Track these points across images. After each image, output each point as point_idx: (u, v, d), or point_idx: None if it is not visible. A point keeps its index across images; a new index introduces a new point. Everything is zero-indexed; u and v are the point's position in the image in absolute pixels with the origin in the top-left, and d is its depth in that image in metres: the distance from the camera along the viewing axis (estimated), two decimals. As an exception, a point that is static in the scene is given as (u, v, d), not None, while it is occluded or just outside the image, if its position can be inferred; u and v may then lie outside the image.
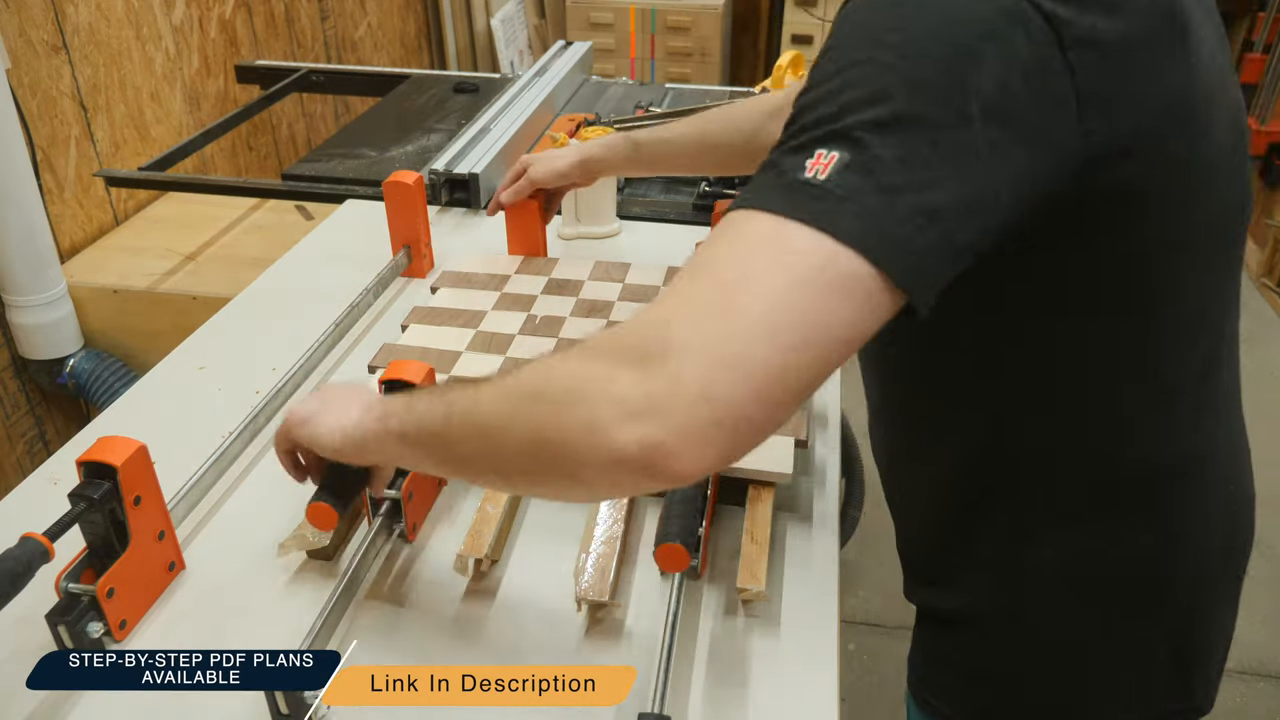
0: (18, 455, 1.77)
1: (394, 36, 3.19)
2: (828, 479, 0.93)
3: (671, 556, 0.72)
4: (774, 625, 0.78)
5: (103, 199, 1.88)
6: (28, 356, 1.71)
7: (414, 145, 1.78)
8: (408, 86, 2.11)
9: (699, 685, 0.72)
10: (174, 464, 0.86)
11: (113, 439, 0.73)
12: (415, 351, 1.04)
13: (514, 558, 0.84)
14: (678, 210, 1.47)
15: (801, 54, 1.89)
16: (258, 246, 1.78)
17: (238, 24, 2.30)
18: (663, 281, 1.19)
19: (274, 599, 0.80)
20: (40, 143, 1.71)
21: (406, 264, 1.27)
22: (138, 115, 1.97)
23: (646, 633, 0.77)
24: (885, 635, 2.02)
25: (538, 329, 1.09)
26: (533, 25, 3.97)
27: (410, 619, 0.78)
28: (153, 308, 1.67)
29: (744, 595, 0.78)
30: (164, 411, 1.04)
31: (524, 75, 1.93)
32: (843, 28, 0.55)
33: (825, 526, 0.88)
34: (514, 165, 1.22)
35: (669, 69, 3.82)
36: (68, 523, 0.70)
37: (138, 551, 0.75)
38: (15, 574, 0.66)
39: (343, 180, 1.63)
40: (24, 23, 1.65)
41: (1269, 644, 2.03)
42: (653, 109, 1.73)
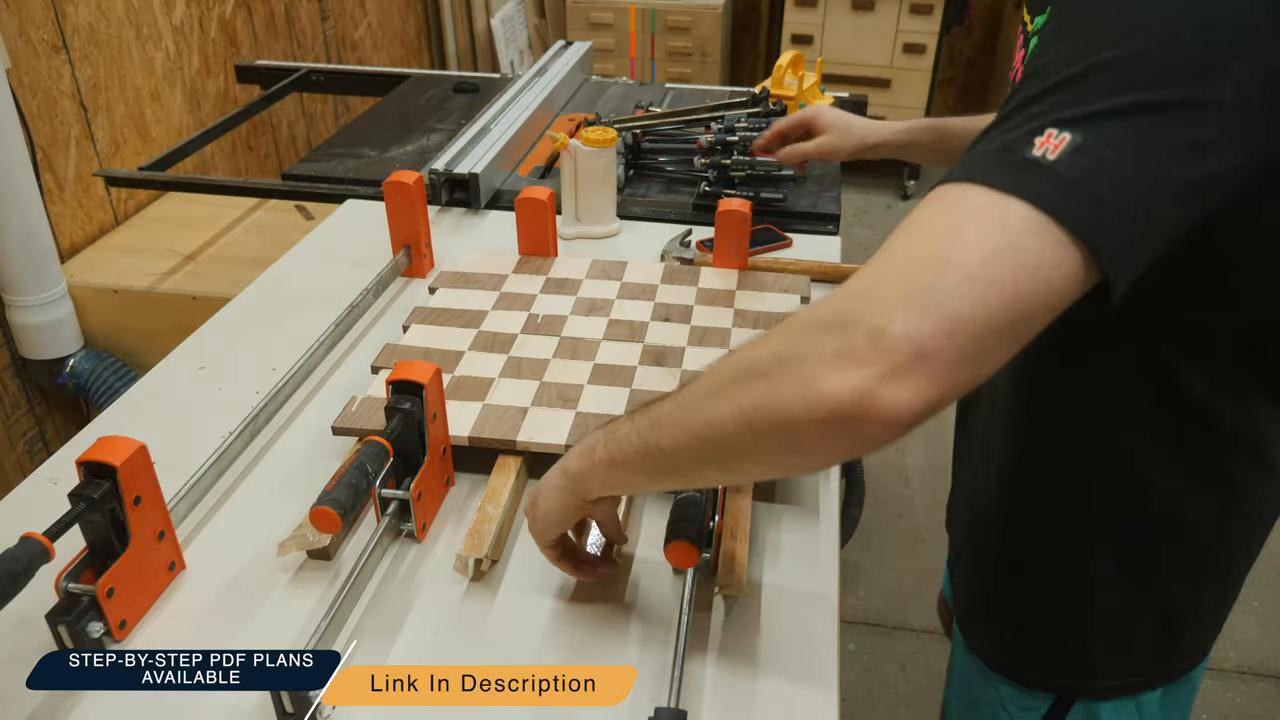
0: (18, 455, 1.77)
1: (394, 36, 3.19)
2: (831, 472, 0.94)
3: (681, 553, 0.72)
4: (774, 624, 0.78)
5: (103, 199, 1.88)
6: (28, 356, 1.71)
7: (414, 145, 1.78)
8: (408, 86, 2.11)
9: (706, 682, 0.72)
10: (174, 464, 0.86)
11: (113, 439, 0.73)
12: (418, 351, 1.04)
13: (514, 558, 0.84)
14: (678, 210, 1.47)
15: (801, 54, 1.89)
16: (258, 246, 1.78)
17: (238, 24, 2.30)
18: (660, 279, 1.19)
19: (274, 599, 0.80)
20: (40, 143, 1.71)
21: (406, 264, 1.27)
22: (138, 115, 1.97)
23: (645, 632, 0.77)
24: (885, 635, 2.02)
25: (539, 328, 1.09)
26: (533, 25, 3.98)
27: (410, 619, 0.78)
28: (153, 308, 1.67)
29: (725, 591, 0.78)
30: (164, 411, 1.04)
31: (524, 75, 1.93)
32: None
33: (827, 523, 0.88)
34: (792, 116, 1.18)
35: (669, 69, 3.82)
36: (68, 523, 0.70)
37: (138, 551, 0.75)
38: (15, 574, 0.66)
39: (343, 180, 1.63)
40: (24, 23, 1.65)
41: (1269, 644, 2.03)
42: (653, 109, 1.73)
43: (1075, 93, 0.51)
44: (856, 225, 3.67)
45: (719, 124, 1.54)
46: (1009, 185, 0.50)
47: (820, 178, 1.55)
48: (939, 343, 0.48)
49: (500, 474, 0.89)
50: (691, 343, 1.06)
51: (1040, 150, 0.51)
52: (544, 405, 0.95)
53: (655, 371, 1.01)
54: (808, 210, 1.45)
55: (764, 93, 1.75)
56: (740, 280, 1.20)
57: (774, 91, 1.81)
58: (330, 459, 0.94)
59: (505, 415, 0.94)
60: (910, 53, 3.71)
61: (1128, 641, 0.80)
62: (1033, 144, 0.51)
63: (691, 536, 0.72)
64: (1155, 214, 0.52)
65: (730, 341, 1.06)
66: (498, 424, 0.92)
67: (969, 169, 0.53)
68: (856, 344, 0.49)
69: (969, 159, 0.54)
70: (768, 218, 1.41)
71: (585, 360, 1.03)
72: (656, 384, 0.99)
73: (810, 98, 1.89)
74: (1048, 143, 0.51)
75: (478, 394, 0.97)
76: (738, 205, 1.20)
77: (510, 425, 0.92)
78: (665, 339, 1.07)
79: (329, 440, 0.95)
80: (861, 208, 3.81)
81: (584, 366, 1.02)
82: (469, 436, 0.91)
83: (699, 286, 1.18)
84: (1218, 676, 1.96)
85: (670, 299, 1.15)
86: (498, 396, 0.97)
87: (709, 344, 1.06)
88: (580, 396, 0.97)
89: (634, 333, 1.08)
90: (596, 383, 0.99)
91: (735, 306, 1.13)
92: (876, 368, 0.48)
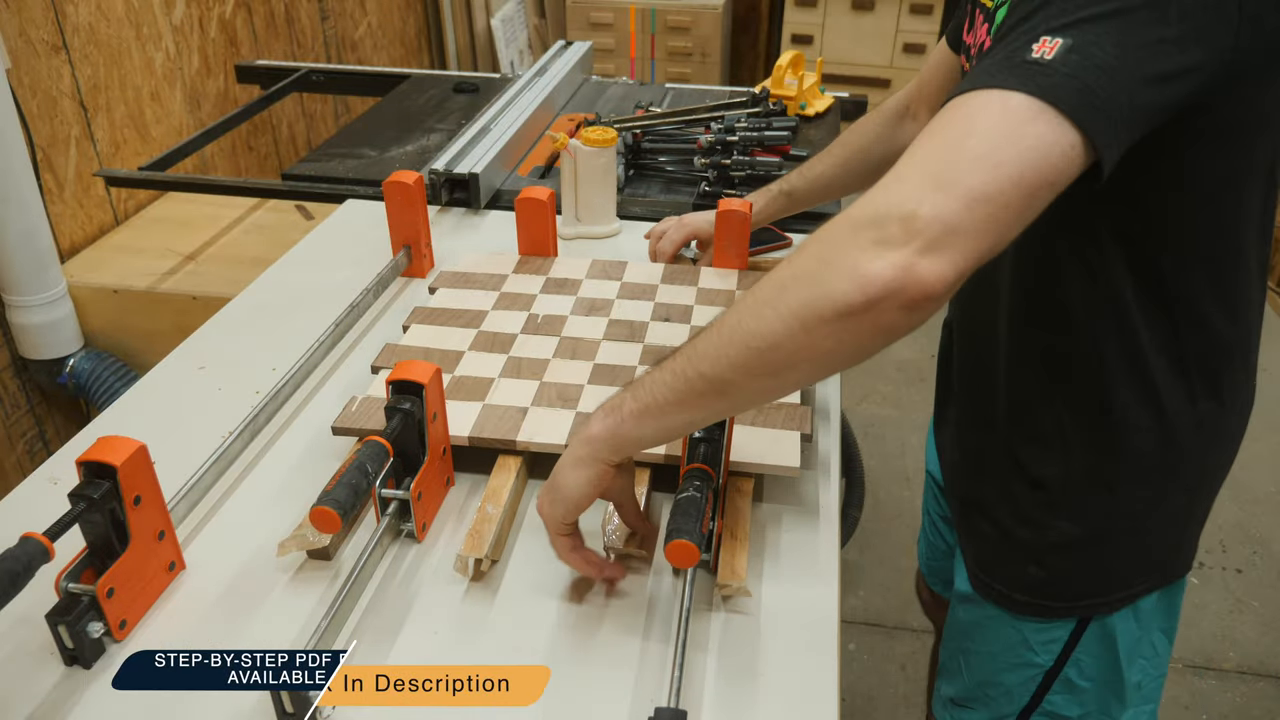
0: (18, 455, 1.77)
1: (394, 36, 3.19)
2: (831, 472, 0.94)
3: (681, 553, 0.73)
4: (774, 624, 0.78)
5: (103, 199, 1.88)
6: (28, 356, 1.71)
7: (414, 145, 1.78)
8: (408, 86, 2.11)
9: (706, 682, 0.72)
10: (174, 464, 0.86)
11: (113, 439, 0.73)
12: (418, 351, 1.04)
13: (514, 558, 0.84)
14: (677, 210, 1.47)
15: (801, 54, 1.89)
16: (258, 246, 1.78)
17: (238, 24, 2.30)
18: (660, 279, 1.19)
19: (274, 599, 0.80)
20: (40, 143, 1.71)
21: (406, 264, 1.27)
22: (138, 115, 1.97)
23: (646, 632, 0.77)
24: (885, 635, 2.02)
25: (540, 328, 1.09)
26: (533, 25, 3.98)
27: (410, 619, 0.78)
28: (153, 308, 1.67)
29: (725, 591, 0.78)
30: (164, 411, 1.04)
31: (524, 75, 1.93)
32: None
33: (827, 523, 0.88)
34: (676, 230, 1.27)
35: (669, 69, 3.82)
36: (68, 523, 0.70)
37: (138, 551, 0.75)
38: (15, 574, 0.66)
39: (343, 180, 1.63)
40: (24, 23, 1.65)
41: (1269, 644, 2.03)
42: (653, 109, 1.73)
43: (1062, 5, 0.61)
44: (856, 225, 3.67)
45: (719, 124, 1.54)
46: (1011, 83, 0.59)
47: (820, 178, 1.55)
48: (961, 217, 0.56)
49: (500, 474, 0.89)
50: (691, 343, 1.06)
51: (1038, 53, 0.60)
52: (544, 405, 0.95)
53: (655, 371, 1.01)
54: (807, 210, 1.45)
55: (764, 93, 1.75)
56: (740, 280, 1.20)
57: (774, 91, 1.81)
58: (330, 459, 0.94)
59: (505, 415, 0.94)
60: (910, 53, 3.71)
61: (1138, 551, 0.88)
62: (1030, 49, 0.60)
63: (692, 536, 0.72)
64: (1135, 100, 0.60)
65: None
66: (498, 424, 0.92)
67: (976, 79, 0.61)
68: (892, 231, 0.57)
69: (976, 72, 0.62)
70: (768, 218, 1.41)
71: (585, 360, 1.03)
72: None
73: (810, 98, 1.89)
74: (1043, 47, 0.60)
75: (478, 394, 0.97)
76: (738, 205, 1.20)
77: (510, 425, 0.92)
78: (665, 339, 1.07)
79: (329, 440, 0.95)
80: (861, 208, 3.81)
81: (584, 366, 1.02)
82: (469, 436, 0.91)
83: (699, 286, 1.18)
84: (1218, 676, 1.96)
85: (670, 299, 1.15)
86: (498, 396, 0.97)
87: (709, 344, 1.06)
88: (580, 396, 0.97)
89: (634, 333, 1.08)
90: (596, 383, 0.99)
91: (735, 306, 1.13)
92: (914, 245, 0.56)
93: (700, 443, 0.81)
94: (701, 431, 0.82)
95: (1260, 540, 2.28)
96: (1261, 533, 2.30)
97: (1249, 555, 2.24)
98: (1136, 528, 0.87)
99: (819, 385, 1.06)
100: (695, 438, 0.82)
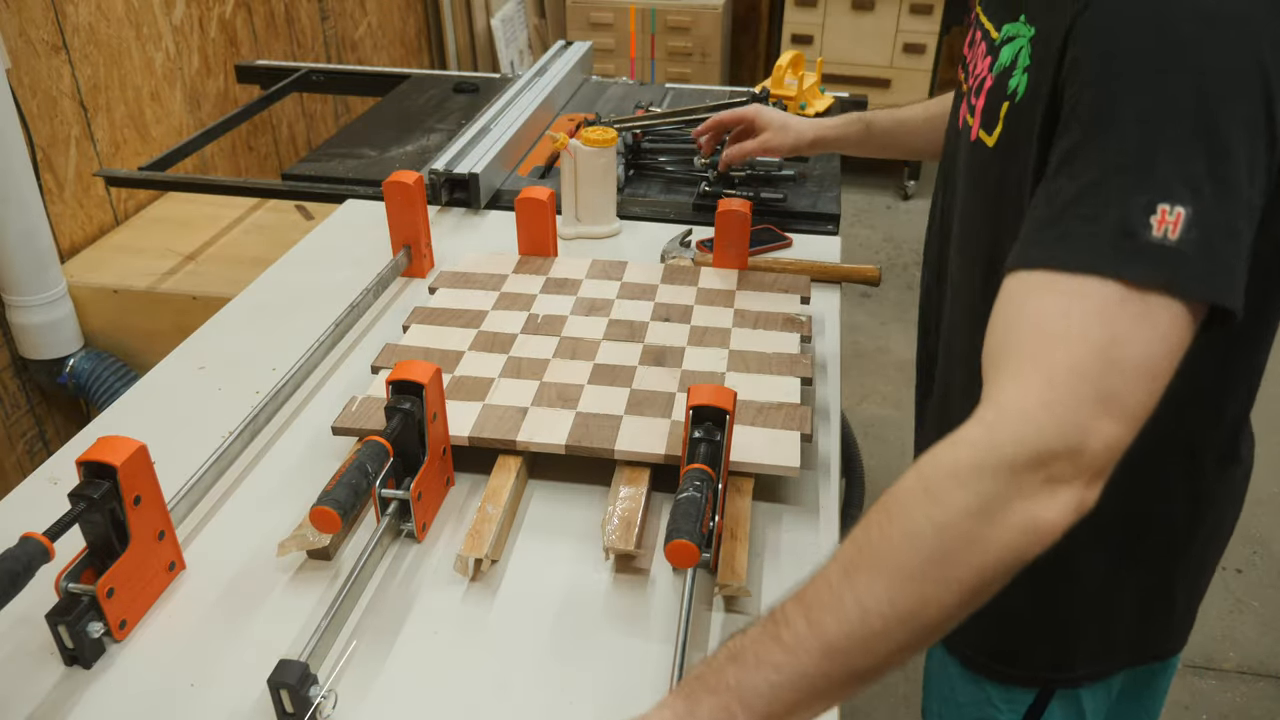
0: (18, 455, 1.77)
1: (394, 36, 3.19)
2: (831, 472, 0.94)
3: (681, 553, 0.73)
4: (774, 625, 0.77)
5: (103, 199, 1.88)
6: (28, 356, 1.71)
7: (414, 145, 1.78)
8: (408, 86, 2.11)
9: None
10: (174, 464, 0.86)
11: (113, 439, 0.73)
12: (418, 351, 1.04)
13: (514, 558, 0.84)
14: (678, 210, 1.47)
15: (801, 54, 1.89)
16: (258, 246, 1.78)
17: (238, 24, 2.30)
18: (660, 279, 1.19)
19: (274, 599, 0.80)
20: (40, 143, 1.71)
21: (406, 264, 1.27)
22: (138, 115, 1.97)
23: (646, 632, 0.77)
24: (885, 635, 2.01)
25: (540, 328, 1.09)
26: (533, 25, 3.98)
27: (410, 619, 0.78)
28: (153, 308, 1.67)
29: (725, 591, 0.78)
30: (164, 411, 1.04)
31: (524, 75, 1.93)
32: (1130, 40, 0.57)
33: (827, 523, 0.88)
34: (734, 111, 1.22)
35: (669, 69, 3.82)
36: (68, 523, 0.70)
37: (138, 551, 0.75)
38: (15, 574, 0.66)
39: (343, 180, 1.63)
40: (24, 23, 1.65)
41: (1269, 644, 2.03)
42: (653, 109, 1.73)
43: (1177, 155, 0.54)
44: (857, 225, 3.67)
45: (719, 124, 1.54)
46: (1143, 278, 0.53)
47: (820, 178, 1.55)
48: (1128, 440, 0.54)
49: (500, 474, 0.89)
50: (691, 342, 1.06)
51: (1160, 231, 0.53)
52: (544, 405, 0.95)
53: (655, 371, 1.01)
54: (808, 210, 1.45)
55: (764, 93, 1.75)
56: (740, 280, 1.20)
57: (774, 91, 1.81)
58: (330, 459, 0.94)
59: (505, 415, 0.94)
60: (910, 53, 3.71)
61: (1106, 631, 0.83)
62: (1150, 225, 0.54)
63: (692, 536, 0.72)
64: (1248, 235, 0.56)
65: (730, 341, 1.06)
66: (498, 424, 0.92)
67: (1088, 256, 0.55)
68: (1060, 469, 0.53)
69: (1079, 236, 0.56)
70: (768, 218, 1.41)
71: (585, 360, 1.03)
72: (656, 384, 0.99)
73: (810, 98, 1.89)
74: (1165, 221, 0.53)
75: (478, 394, 0.97)
76: (738, 205, 1.20)
77: (510, 425, 0.92)
78: (665, 339, 1.07)
79: (329, 440, 0.95)
80: (862, 208, 3.81)
81: (584, 366, 1.02)
82: (469, 436, 0.91)
83: (699, 286, 1.18)
84: (1218, 676, 1.96)
85: (670, 299, 1.15)
86: (498, 396, 0.97)
87: (709, 344, 1.06)
88: (580, 396, 0.97)
89: (634, 333, 1.08)
90: (596, 383, 0.99)
91: (735, 306, 1.13)
92: (1083, 478, 0.53)
93: (700, 443, 0.81)
94: (701, 431, 0.82)
95: (1260, 540, 2.28)
96: (1261, 533, 2.30)
97: (1249, 555, 2.24)
98: (1101, 606, 0.82)
99: (819, 385, 1.06)
100: (695, 437, 0.82)
